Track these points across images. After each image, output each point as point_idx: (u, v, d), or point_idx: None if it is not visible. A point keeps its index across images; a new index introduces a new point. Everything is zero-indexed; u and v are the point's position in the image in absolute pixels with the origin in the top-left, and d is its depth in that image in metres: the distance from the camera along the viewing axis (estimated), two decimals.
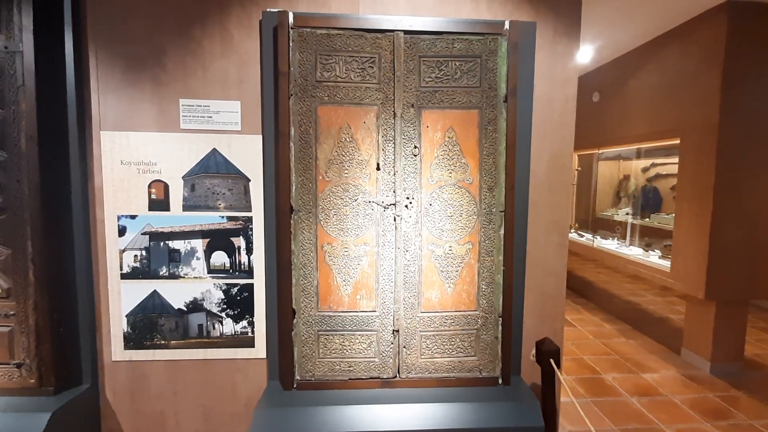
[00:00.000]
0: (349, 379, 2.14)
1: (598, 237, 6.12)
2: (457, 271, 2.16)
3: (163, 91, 2.12)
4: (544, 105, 2.26)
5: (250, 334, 2.26)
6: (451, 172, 2.12)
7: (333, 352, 2.13)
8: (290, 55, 2.00)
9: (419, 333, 2.16)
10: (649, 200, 5.69)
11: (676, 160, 4.11)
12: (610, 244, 5.66)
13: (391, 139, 2.07)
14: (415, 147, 2.09)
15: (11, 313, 1.98)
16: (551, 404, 2.15)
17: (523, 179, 2.20)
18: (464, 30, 2.06)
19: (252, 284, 2.23)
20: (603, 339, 4.69)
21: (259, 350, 2.26)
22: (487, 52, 2.09)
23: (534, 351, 2.18)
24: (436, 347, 2.17)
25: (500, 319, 2.17)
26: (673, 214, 4.20)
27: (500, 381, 2.19)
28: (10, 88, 1.90)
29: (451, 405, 2.04)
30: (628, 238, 5.69)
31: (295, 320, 2.09)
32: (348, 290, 2.11)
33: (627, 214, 5.86)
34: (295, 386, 2.12)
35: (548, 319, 2.38)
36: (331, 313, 2.11)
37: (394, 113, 2.07)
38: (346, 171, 2.07)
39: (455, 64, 2.09)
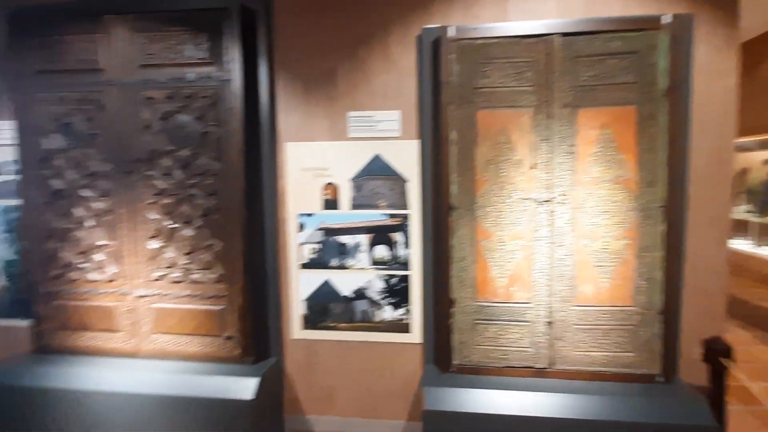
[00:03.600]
0: (504, 366, 2.27)
1: None
2: (612, 266, 2.18)
3: (334, 105, 2.43)
4: (703, 98, 2.19)
5: (406, 321, 2.49)
6: (606, 169, 2.15)
7: (488, 339, 2.28)
8: (450, 65, 2.18)
9: (573, 326, 2.22)
10: None
11: None
12: (740, 245, 5.10)
13: (545, 138, 2.16)
14: (571, 145, 2.15)
15: (224, 294, 2.43)
16: (720, 405, 2.08)
17: (682, 174, 2.15)
18: (621, 27, 2.08)
19: (408, 275, 2.47)
20: (741, 346, 4.27)
21: (415, 336, 2.49)
22: (645, 48, 2.09)
23: (700, 349, 2.12)
24: (590, 341, 2.22)
25: (660, 316, 2.15)
26: None
27: (659, 378, 2.17)
28: (224, 111, 2.33)
29: (610, 398, 2.07)
30: (757, 237, 5.08)
31: (453, 309, 2.28)
32: (503, 282, 2.24)
33: (748, 211, 5.23)
34: (452, 369, 2.30)
35: (708, 318, 2.29)
36: (487, 304, 2.27)
37: (549, 114, 2.15)
38: (502, 170, 2.20)
39: (612, 62, 2.12)
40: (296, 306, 2.56)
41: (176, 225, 2.42)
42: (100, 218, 2.48)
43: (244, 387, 2.25)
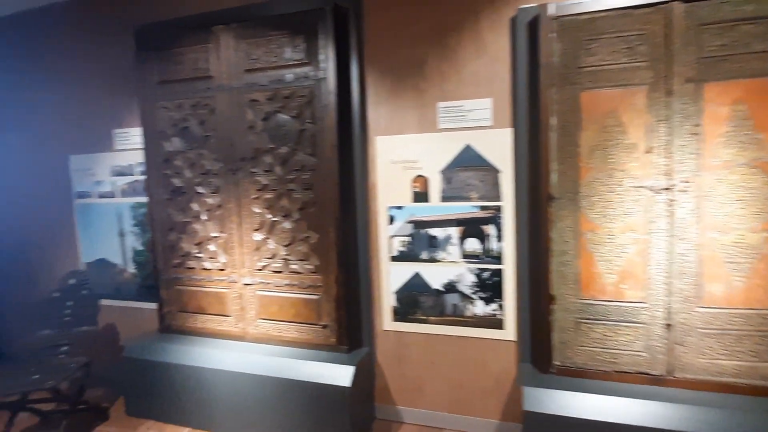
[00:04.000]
0: (613, 371, 2.08)
1: None
2: (748, 263, 1.89)
3: (423, 97, 2.41)
4: None
5: (499, 317, 2.40)
6: (740, 151, 1.86)
7: (594, 341, 2.11)
8: (551, 45, 2.04)
9: (697, 330, 1.96)
10: None
11: None
12: None
13: (664, 119, 1.93)
14: (695, 125, 1.90)
15: (319, 284, 2.54)
16: None
17: None
18: None
19: (501, 269, 2.37)
20: None
21: (508, 332, 2.39)
22: None
23: None
24: (719, 347, 1.95)
25: None
26: None
27: None
28: (319, 108, 2.42)
29: (743, 413, 1.80)
30: None
31: (553, 306, 2.14)
32: (611, 279, 2.05)
33: None
34: (552, 370, 2.17)
35: None
36: (592, 302, 2.09)
37: (668, 90, 1.92)
38: (611, 156, 2.01)
39: (746, 28, 1.82)
40: (387, 298, 2.60)
41: (276, 218, 2.58)
42: (212, 212, 2.73)
43: (342, 374, 2.33)
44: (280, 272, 2.62)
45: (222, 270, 2.76)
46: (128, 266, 3.26)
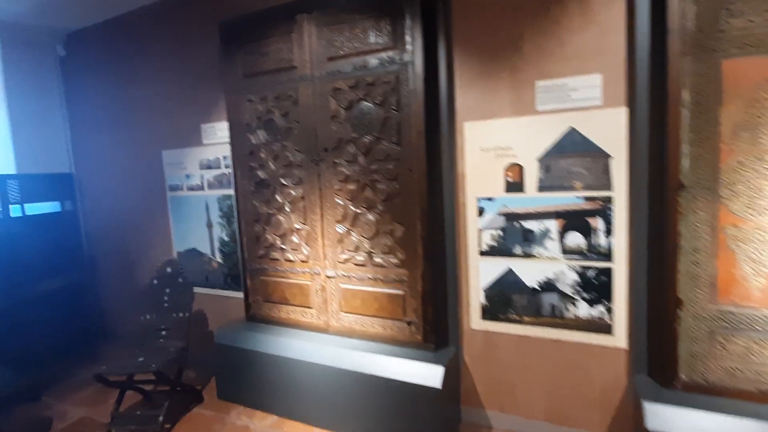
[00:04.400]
0: (757, 390, 1.75)
1: None
2: None
3: (519, 76, 2.19)
4: None
5: (606, 321, 2.14)
6: None
7: (733, 354, 1.79)
8: (683, 6, 1.72)
9: None
10: None
11: None
12: None
13: None
14: None
15: (404, 279, 2.43)
16: None
17: None
18: None
19: (610, 268, 2.10)
20: None
21: (618, 339, 2.12)
22: None
23: None
24: None
25: None
26: None
27: None
28: (405, 94, 2.29)
29: None
30: None
31: (680, 312, 1.84)
32: (760, 283, 1.72)
33: None
34: (677, 386, 1.88)
35: None
36: (732, 309, 1.77)
37: None
38: (762, 136, 1.66)
39: None
40: (475, 295, 2.43)
41: (359, 210, 2.51)
42: (295, 204, 2.73)
43: (431, 374, 2.22)
44: (363, 265, 2.55)
45: (305, 262, 2.76)
46: (215, 256, 3.40)
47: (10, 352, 2.78)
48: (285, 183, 2.75)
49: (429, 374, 2.22)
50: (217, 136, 3.21)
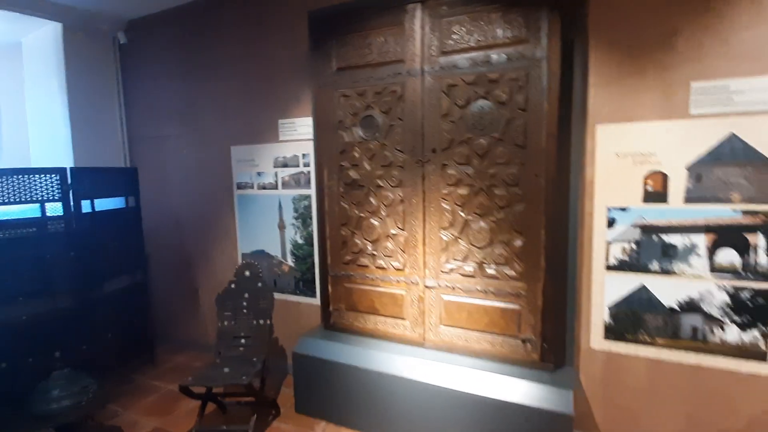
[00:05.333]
0: None
1: None
2: None
3: (668, 75, 1.99)
4: None
5: (762, 347, 1.94)
6: None
7: None
8: None
9: None
10: None
11: None
12: None
13: None
14: None
15: (521, 293, 2.24)
16: None
17: None
18: None
19: None
20: None
21: None
22: None
23: None
24: None
25: None
26: None
27: None
28: (535, 92, 2.09)
29: None
30: None
31: None
32: None
33: None
34: None
35: None
36: None
37: None
38: None
39: None
40: (597, 312, 2.24)
41: (470, 216, 2.32)
42: (392, 207, 2.53)
43: (559, 398, 2.04)
44: (472, 276, 2.36)
45: (400, 270, 2.57)
46: (287, 259, 3.21)
47: (80, 356, 2.60)
48: (381, 185, 2.56)
49: (556, 398, 2.03)
50: (297, 132, 3.01)
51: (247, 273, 2.85)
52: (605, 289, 2.22)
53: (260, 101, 3.15)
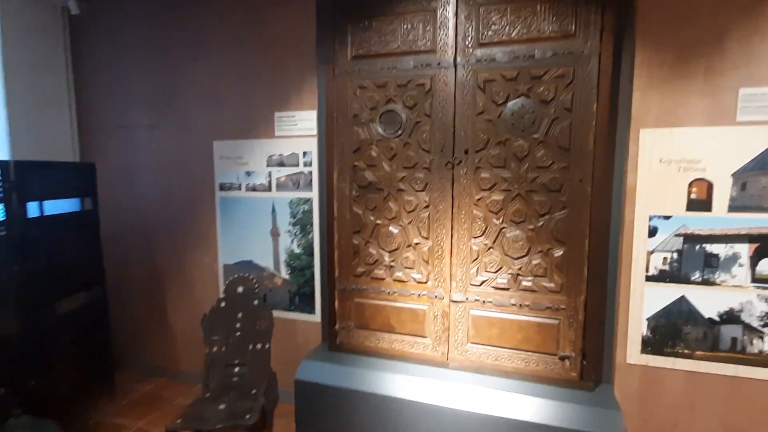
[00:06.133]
0: None
1: None
2: None
3: (718, 80, 1.93)
4: None
5: None
6: None
7: None
8: None
9: None
10: None
11: None
12: None
13: None
14: None
15: (561, 307, 2.09)
16: None
17: None
18: None
19: None
20: None
21: None
22: None
23: None
24: None
25: None
26: None
27: None
28: (582, 91, 1.95)
29: None
30: None
31: None
32: None
33: None
34: None
35: None
36: None
37: None
38: None
39: None
40: (636, 325, 2.14)
41: (506, 224, 2.13)
42: (416, 213, 2.29)
43: (608, 420, 1.90)
44: (506, 289, 2.17)
45: (422, 283, 2.33)
46: (280, 271, 2.84)
47: (30, 392, 2.08)
48: (403, 188, 2.30)
49: (603, 420, 1.90)
50: (297, 127, 2.67)
51: (241, 289, 2.45)
52: (644, 301, 2.12)
53: (254, 90, 2.76)
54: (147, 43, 2.98)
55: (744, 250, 1.98)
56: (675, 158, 2.02)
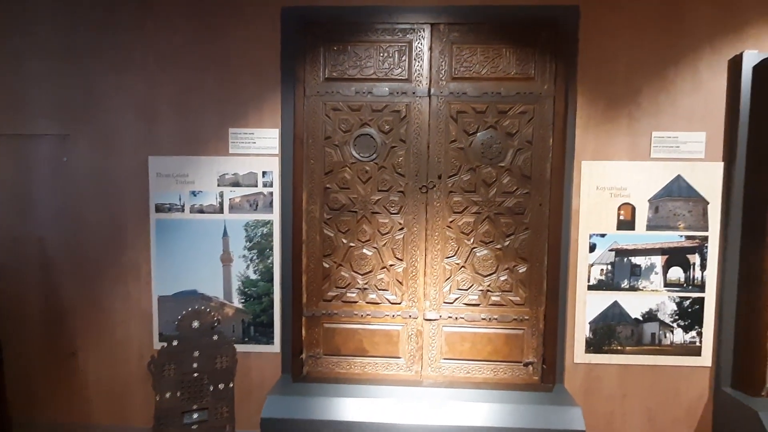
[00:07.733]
0: None
1: None
2: None
3: (636, 125, 2.38)
4: None
5: (697, 344, 2.45)
6: None
7: None
8: None
9: None
10: None
11: None
12: None
13: None
14: None
15: (526, 318, 2.32)
16: None
17: None
18: None
19: (703, 297, 2.43)
20: None
21: (704, 359, 2.45)
22: None
23: None
24: None
25: None
26: None
27: None
28: (541, 127, 2.24)
29: None
30: None
31: None
32: None
33: None
34: (763, 394, 2.26)
35: None
36: None
37: None
38: None
39: None
40: (581, 329, 2.47)
41: (476, 245, 2.30)
42: (389, 235, 2.33)
43: (570, 416, 2.15)
44: (476, 305, 2.33)
45: (396, 303, 2.37)
46: (232, 300, 2.61)
47: None
48: (378, 210, 2.32)
49: (568, 418, 2.15)
50: (256, 145, 2.51)
51: (196, 324, 2.19)
52: (587, 307, 2.46)
53: (201, 104, 2.52)
54: (62, 45, 2.51)
55: (658, 261, 2.43)
56: (607, 186, 2.41)
